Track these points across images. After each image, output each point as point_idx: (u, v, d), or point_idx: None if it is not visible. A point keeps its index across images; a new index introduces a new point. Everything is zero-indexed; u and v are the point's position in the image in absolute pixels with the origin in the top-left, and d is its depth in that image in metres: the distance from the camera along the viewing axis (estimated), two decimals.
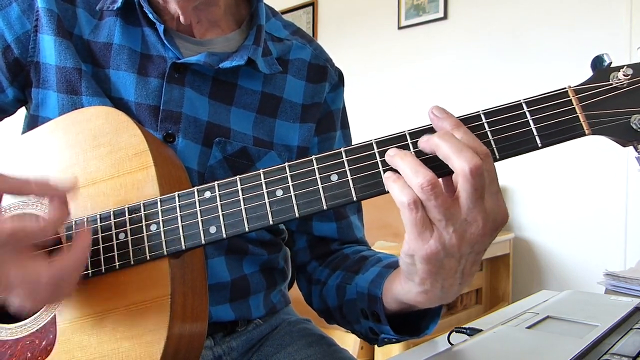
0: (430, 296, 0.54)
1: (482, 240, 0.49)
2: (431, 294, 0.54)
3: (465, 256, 0.50)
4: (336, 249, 0.82)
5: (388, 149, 0.51)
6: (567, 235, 2.51)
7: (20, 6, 0.69)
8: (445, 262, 0.50)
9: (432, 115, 0.51)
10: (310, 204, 0.52)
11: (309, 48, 0.83)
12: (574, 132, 0.50)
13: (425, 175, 0.47)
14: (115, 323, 0.54)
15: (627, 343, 0.65)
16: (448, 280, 0.52)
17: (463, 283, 0.53)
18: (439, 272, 0.51)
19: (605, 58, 0.51)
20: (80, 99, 0.68)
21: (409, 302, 0.58)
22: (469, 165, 0.46)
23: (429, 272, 0.51)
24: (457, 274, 0.51)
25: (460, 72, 2.85)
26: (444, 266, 0.50)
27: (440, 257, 0.49)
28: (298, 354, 0.76)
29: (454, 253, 0.49)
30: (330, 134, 0.83)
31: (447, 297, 0.55)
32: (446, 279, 0.52)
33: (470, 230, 0.48)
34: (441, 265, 0.50)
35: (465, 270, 0.52)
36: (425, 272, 0.51)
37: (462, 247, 0.49)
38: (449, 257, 0.49)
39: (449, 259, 0.49)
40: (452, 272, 0.51)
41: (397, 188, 0.48)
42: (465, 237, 0.48)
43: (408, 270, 0.53)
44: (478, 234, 0.48)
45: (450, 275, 0.51)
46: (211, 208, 0.54)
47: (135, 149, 0.58)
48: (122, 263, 0.55)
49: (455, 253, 0.49)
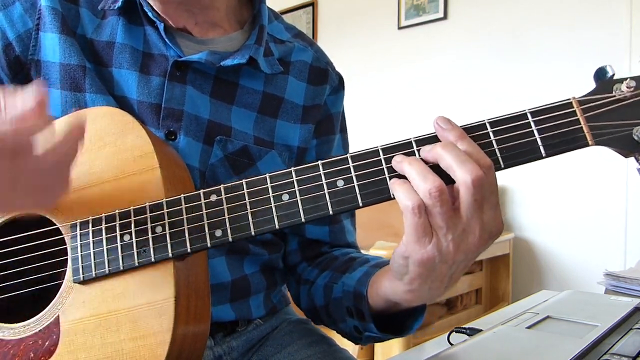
0: (417, 295, 0.56)
1: (476, 250, 0.51)
2: (418, 293, 0.55)
3: (458, 263, 0.51)
4: (326, 251, 0.83)
5: (394, 155, 0.52)
6: (567, 235, 2.52)
7: (23, 5, 0.70)
8: (438, 267, 0.51)
9: (436, 125, 0.51)
10: (316, 209, 0.52)
11: (311, 51, 0.83)
12: (578, 142, 0.51)
13: (433, 181, 0.48)
14: (119, 324, 0.55)
15: (627, 343, 0.66)
16: (436, 283, 0.53)
17: (449, 286, 0.55)
18: (430, 276, 0.52)
19: (609, 70, 0.52)
20: (84, 96, 0.69)
21: (395, 300, 0.59)
22: (471, 176, 0.47)
23: (420, 274, 0.52)
24: (445, 278, 0.53)
25: (460, 72, 2.85)
26: (435, 270, 0.51)
27: (434, 263, 0.50)
28: (298, 354, 0.76)
29: (448, 260, 0.50)
30: (329, 137, 0.84)
31: (432, 297, 0.56)
32: (434, 282, 0.53)
33: (467, 239, 0.49)
34: (433, 269, 0.51)
35: (454, 275, 0.54)
36: (417, 275, 0.52)
37: (457, 255, 0.50)
38: (442, 263, 0.51)
39: (442, 264, 0.51)
40: (442, 276, 0.52)
41: (403, 192, 0.49)
42: (462, 246, 0.50)
43: (399, 271, 0.54)
44: (473, 244, 0.50)
45: (439, 279, 0.53)
46: (217, 211, 0.54)
47: (140, 150, 0.58)
48: (126, 265, 0.55)
49: (449, 260, 0.50)
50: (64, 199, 0.59)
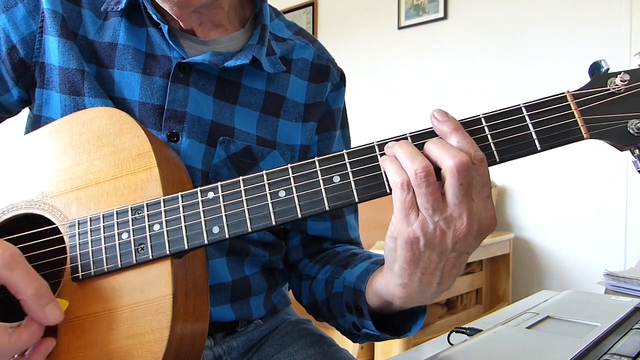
0: (408, 290, 0.55)
1: (464, 239, 0.50)
2: (409, 288, 0.54)
3: (447, 253, 0.51)
4: (328, 247, 0.83)
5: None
6: (567, 235, 2.52)
7: (26, 7, 0.70)
8: (427, 253, 0.51)
9: (433, 118, 0.52)
10: (312, 205, 0.52)
11: (312, 48, 0.84)
12: (573, 136, 0.51)
13: (421, 162, 0.48)
14: (117, 322, 0.55)
15: (627, 343, 0.65)
16: (426, 275, 0.53)
17: (441, 284, 0.54)
18: (418, 264, 0.52)
19: (603, 64, 0.52)
20: (83, 100, 0.69)
21: (388, 297, 0.59)
22: (453, 161, 0.47)
23: (408, 259, 0.52)
24: (436, 271, 0.53)
25: (460, 72, 2.85)
26: (423, 257, 0.51)
27: (420, 245, 0.50)
28: (298, 354, 0.76)
29: (435, 245, 0.50)
30: (331, 133, 0.84)
31: (424, 295, 0.56)
32: (424, 274, 0.53)
33: (454, 225, 0.49)
34: (421, 255, 0.51)
35: (445, 269, 0.53)
36: (405, 260, 0.52)
37: (443, 241, 0.50)
38: (429, 249, 0.50)
39: (430, 251, 0.51)
40: (431, 266, 0.52)
41: (393, 169, 0.50)
42: (449, 231, 0.50)
43: (390, 257, 0.54)
44: (462, 232, 0.49)
45: (429, 270, 0.52)
46: (214, 208, 0.54)
47: (138, 149, 0.58)
48: (125, 262, 0.55)
49: (437, 246, 0.50)
50: (63, 199, 0.59)
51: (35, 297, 0.50)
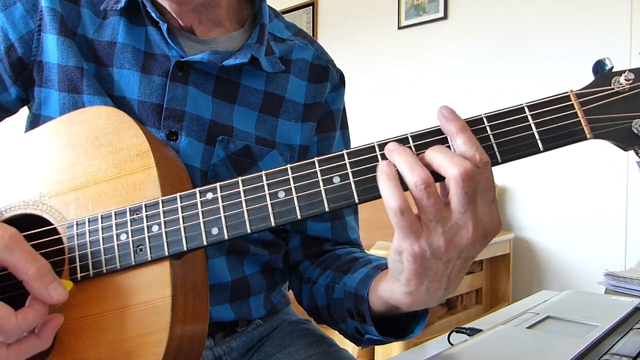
0: (415, 298, 0.54)
1: (470, 246, 0.49)
2: (415, 295, 0.53)
3: (453, 261, 0.50)
4: (329, 249, 0.82)
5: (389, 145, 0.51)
6: (567, 235, 2.52)
7: (25, 5, 0.70)
8: (433, 263, 0.50)
9: (440, 115, 0.50)
10: (312, 206, 0.52)
11: (311, 49, 0.83)
12: (576, 136, 0.50)
13: (420, 174, 0.47)
14: (116, 324, 0.54)
15: (627, 343, 0.65)
16: (433, 283, 0.51)
17: (448, 288, 0.53)
18: (425, 274, 0.50)
19: (607, 62, 0.51)
20: (82, 98, 0.69)
21: (394, 302, 0.58)
22: (458, 169, 0.46)
23: (415, 271, 0.50)
24: (443, 278, 0.51)
25: (460, 72, 2.85)
26: (430, 267, 0.50)
27: (426, 258, 0.49)
28: (298, 354, 0.76)
29: (441, 255, 0.49)
30: (330, 134, 0.83)
31: (432, 300, 0.54)
32: (432, 282, 0.51)
33: (459, 234, 0.48)
34: (428, 266, 0.50)
35: (452, 275, 0.52)
36: (412, 272, 0.51)
37: (449, 251, 0.49)
38: (436, 259, 0.49)
39: (436, 261, 0.49)
40: (438, 275, 0.51)
41: (387, 190, 0.48)
42: (454, 240, 0.48)
43: (395, 268, 0.53)
44: (467, 239, 0.48)
45: (436, 278, 0.51)
46: (213, 209, 0.54)
47: (137, 149, 0.58)
48: (123, 264, 0.55)
49: (443, 256, 0.49)
50: (62, 200, 0.59)
51: (37, 276, 0.49)
